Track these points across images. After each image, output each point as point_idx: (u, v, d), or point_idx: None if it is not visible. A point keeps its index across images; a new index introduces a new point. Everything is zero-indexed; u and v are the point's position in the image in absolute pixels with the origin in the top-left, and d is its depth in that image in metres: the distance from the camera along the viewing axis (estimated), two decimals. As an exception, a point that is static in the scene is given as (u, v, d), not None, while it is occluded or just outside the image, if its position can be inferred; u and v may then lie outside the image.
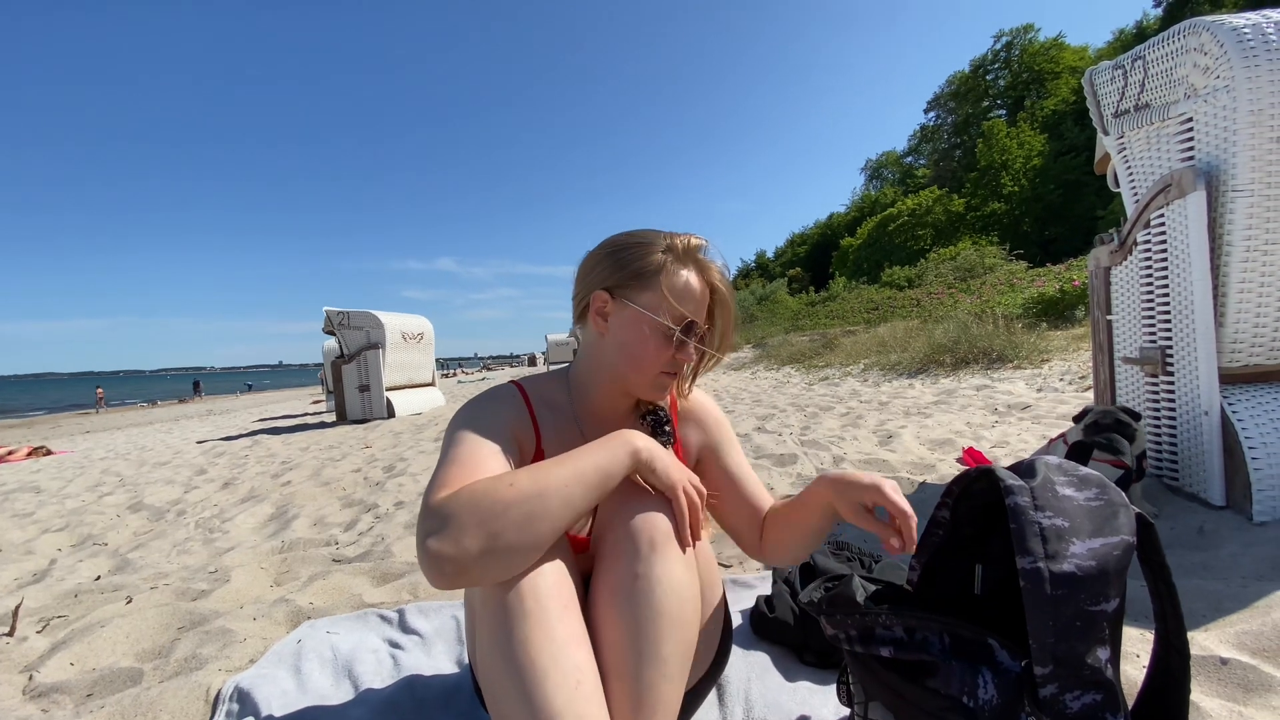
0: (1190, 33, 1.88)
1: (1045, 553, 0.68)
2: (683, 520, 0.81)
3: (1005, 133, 32.60)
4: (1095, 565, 0.66)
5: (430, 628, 1.53)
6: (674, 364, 0.95)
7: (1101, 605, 0.66)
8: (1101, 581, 0.66)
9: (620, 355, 0.95)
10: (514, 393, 0.99)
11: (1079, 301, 8.26)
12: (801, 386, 8.27)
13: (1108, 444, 1.87)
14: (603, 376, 1.00)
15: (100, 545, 2.75)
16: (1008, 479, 0.77)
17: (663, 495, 0.83)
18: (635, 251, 0.94)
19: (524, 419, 0.97)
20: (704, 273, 0.96)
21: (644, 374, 0.95)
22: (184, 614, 1.74)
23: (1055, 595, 0.66)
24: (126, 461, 5.86)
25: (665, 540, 0.79)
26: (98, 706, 1.25)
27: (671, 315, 0.92)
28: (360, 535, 2.57)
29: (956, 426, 3.96)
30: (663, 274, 0.92)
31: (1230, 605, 1.25)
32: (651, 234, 0.96)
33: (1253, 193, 1.76)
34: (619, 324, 0.95)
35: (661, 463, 0.83)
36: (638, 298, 0.93)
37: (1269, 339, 1.85)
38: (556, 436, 0.99)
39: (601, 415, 1.03)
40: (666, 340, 0.93)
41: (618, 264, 0.94)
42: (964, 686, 0.68)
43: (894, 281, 21.08)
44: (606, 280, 0.95)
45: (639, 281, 0.93)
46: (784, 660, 1.24)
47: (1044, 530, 0.69)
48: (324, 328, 8.36)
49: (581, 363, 1.03)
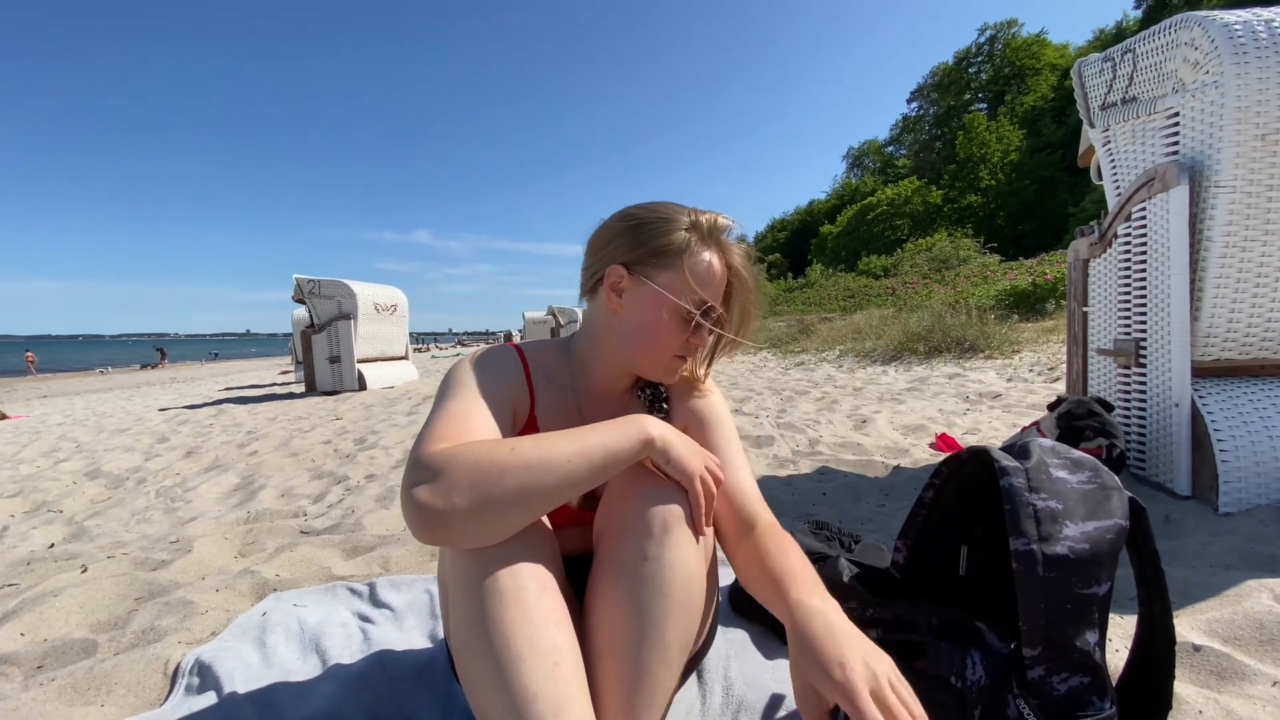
0: (1182, 27, 1.88)
1: (1039, 534, 0.67)
2: (698, 508, 0.78)
3: (985, 126, 32.98)
4: (1088, 548, 0.66)
5: (402, 602, 1.49)
6: (687, 348, 0.92)
7: (1093, 589, 0.66)
8: (1093, 565, 0.66)
9: (634, 335, 0.91)
10: (513, 356, 0.96)
11: (1049, 295, 8.44)
12: (778, 371, 8.33)
13: (1100, 428, 1.89)
14: (609, 353, 0.96)
15: (55, 512, 2.65)
16: (1002, 460, 0.76)
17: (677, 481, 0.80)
18: (657, 227, 0.89)
19: (521, 384, 0.94)
20: (725, 253, 0.92)
21: (657, 356, 0.92)
22: (142, 584, 1.67)
23: (1048, 577, 0.65)
24: (84, 428, 5.66)
25: (678, 523, 0.76)
26: (48, 679, 1.19)
27: (691, 299, 0.89)
28: (330, 507, 2.51)
29: (929, 413, 4.02)
30: (685, 254, 0.88)
31: (1200, 593, 1.27)
32: (673, 208, 0.91)
33: (1235, 189, 1.78)
34: (634, 302, 0.90)
35: (677, 450, 0.79)
36: (657, 276, 0.89)
37: (1242, 334, 1.89)
38: (551, 407, 0.96)
39: (600, 391, 1.00)
40: (684, 323, 0.90)
41: (637, 239, 0.89)
42: (952, 667, 0.67)
43: (871, 270, 21.31)
44: (624, 255, 0.90)
45: (660, 259, 0.88)
46: (762, 638, 1.23)
47: (1038, 512, 0.69)
48: (294, 296, 8.12)
49: (586, 337, 0.99)
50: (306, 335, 7.98)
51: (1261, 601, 1.20)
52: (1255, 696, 0.95)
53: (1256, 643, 1.10)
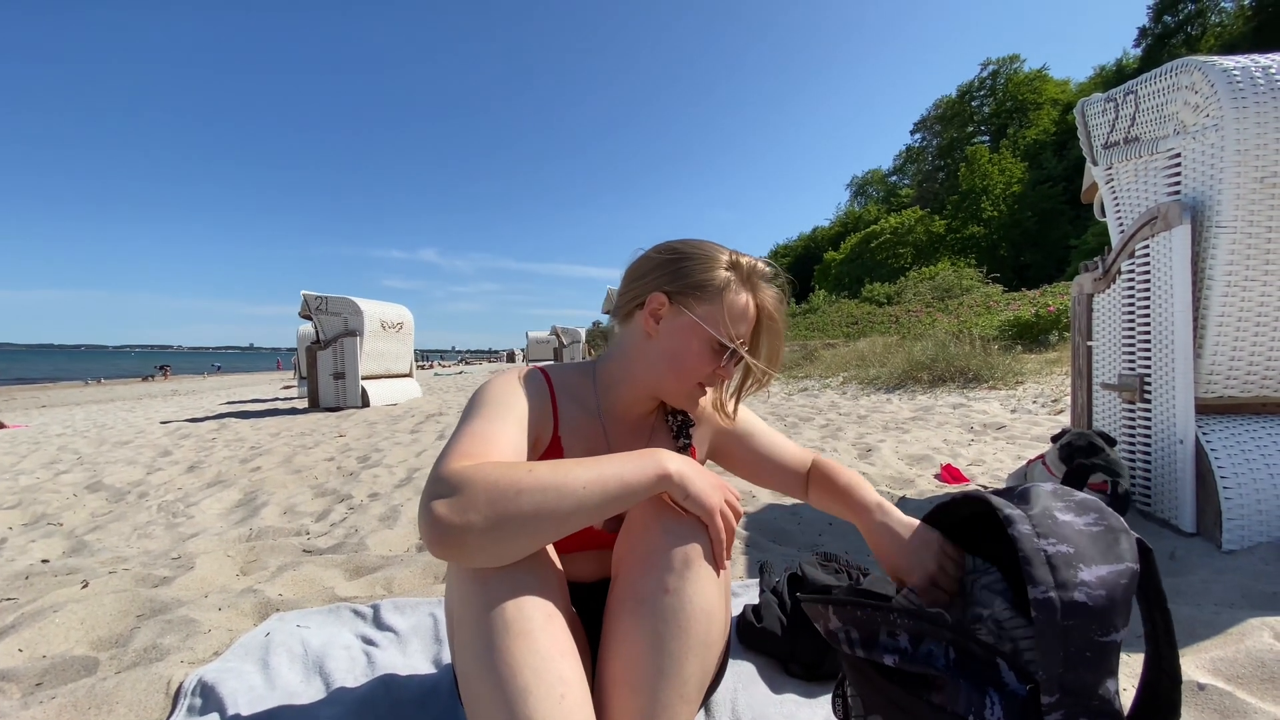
0: (1183, 71, 1.93)
1: (1055, 581, 0.67)
2: (719, 543, 0.80)
3: (987, 158, 33.35)
4: (1105, 595, 0.66)
5: (406, 625, 1.48)
6: (712, 378, 0.97)
7: (1111, 636, 0.65)
8: (1111, 612, 0.65)
9: (664, 360, 0.95)
10: (539, 378, 0.99)
11: (1053, 327, 8.45)
12: (781, 396, 8.32)
13: (1105, 466, 1.90)
14: (637, 376, 0.99)
15: (55, 525, 2.64)
16: (1005, 508, 0.76)
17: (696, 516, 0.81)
18: (700, 263, 0.95)
19: (545, 406, 0.96)
20: (758, 295, 0.97)
21: (683, 383, 0.96)
22: (144, 601, 1.67)
23: (1065, 625, 0.65)
24: (85, 439, 5.65)
25: (698, 557, 0.77)
26: (48, 696, 1.19)
27: (725, 332, 0.93)
28: (333, 526, 2.50)
29: (934, 443, 4.01)
30: (726, 290, 0.94)
31: (1204, 631, 1.27)
32: (714, 247, 0.97)
33: (1235, 229, 1.81)
34: (670, 330, 0.95)
35: (695, 486, 0.79)
36: (695, 308, 0.93)
37: (1244, 372, 1.90)
38: (575, 429, 0.99)
39: (625, 414, 1.03)
40: (714, 355, 0.94)
41: (680, 272, 0.95)
42: (971, 706, 0.67)
43: (874, 297, 21.38)
44: (666, 284, 0.95)
45: (700, 293, 0.94)
46: (770, 671, 1.22)
47: (1051, 558, 0.68)
48: (300, 312, 8.17)
49: (616, 359, 1.03)
50: (312, 351, 8.01)
51: (1263, 640, 1.20)
52: (1262, 739, 0.95)
53: (1258, 681, 1.10)
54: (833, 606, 0.76)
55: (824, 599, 0.77)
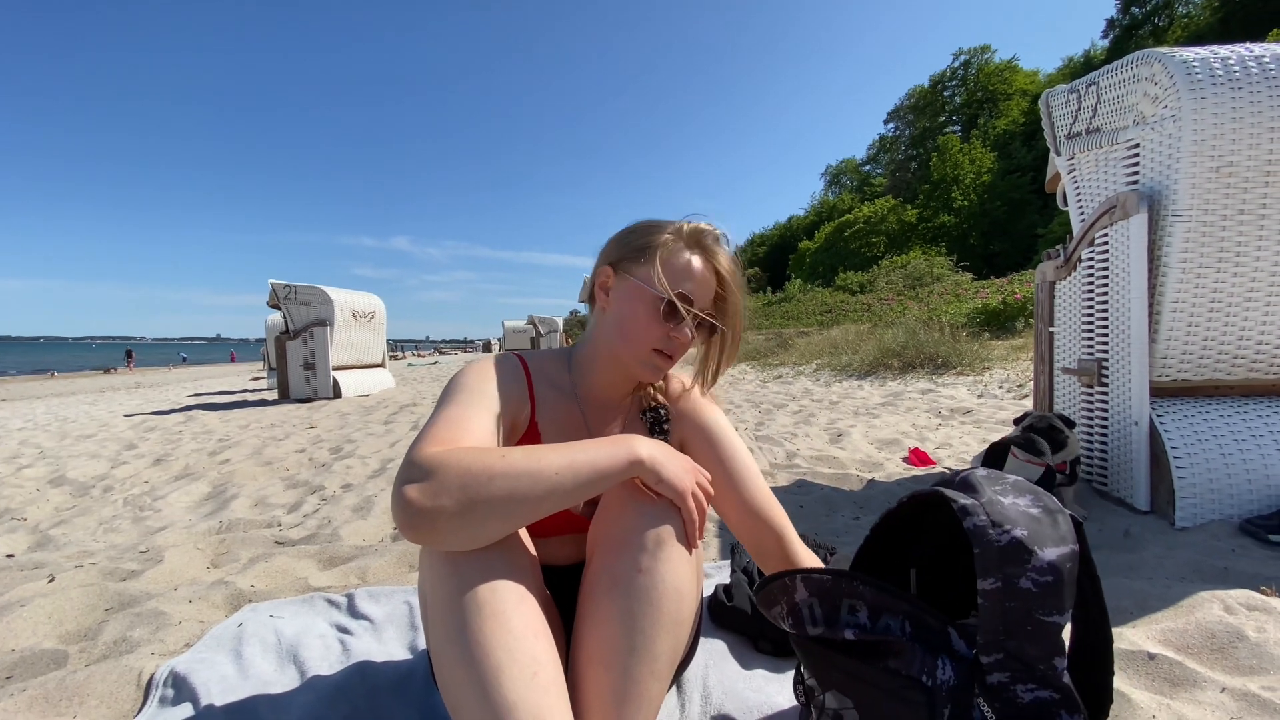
0: (1143, 62, 1.98)
1: (1005, 572, 0.69)
2: (690, 524, 0.81)
3: (958, 148, 33.81)
4: (1051, 580, 0.69)
5: (381, 613, 1.48)
6: (668, 343, 0.94)
7: (1054, 618, 0.68)
8: (1056, 594, 0.68)
9: (615, 329, 0.96)
10: (516, 364, 0.99)
11: (1019, 314, 8.66)
12: (756, 384, 8.41)
13: (1027, 443, 1.97)
14: (601, 354, 1.00)
15: (18, 520, 2.58)
16: (960, 499, 0.78)
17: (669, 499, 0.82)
18: (642, 232, 0.96)
19: (523, 392, 0.97)
20: (708, 256, 0.96)
21: (636, 348, 0.94)
22: (112, 594, 1.64)
23: (1008, 606, 0.68)
24: (47, 433, 5.49)
25: (670, 538, 0.79)
26: (18, 689, 1.17)
27: (663, 288, 0.91)
28: (305, 517, 2.48)
29: (903, 427, 4.11)
30: (660, 248, 0.94)
31: (1155, 604, 1.33)
32: (666, 221, 0.98)
33: (1190, 218, 1.87)
34: (617, 297, 0.96)
35: (668, 470, 0.80)
36: (635, 270, 0.94)
37: (1197, 356, 1.98)
38: (552, 413, 0.99)
39: (601, 397, 1.04)
40: (656, 311, 0.92)
41: (624, 242, 0.97)
42: (924, 667, 0.70)
43: (847, 286, 21.64)
44: (612, 256, 0.98)
45: (639, 255, 0.95)
46: (740, 648, 1.26)
47: (1004, 548, 0.70)
48: (269, 301, 7.99)
49: (587, 342, 1.04)
50: (281, 341, 7.84)
51: (1213, 612, 1.26)
52: (1205, 702, 1.00)
53: (1208, 651, 1.16)
54: (800, 577, 0.78)
55: (795, 571, 0.79)
